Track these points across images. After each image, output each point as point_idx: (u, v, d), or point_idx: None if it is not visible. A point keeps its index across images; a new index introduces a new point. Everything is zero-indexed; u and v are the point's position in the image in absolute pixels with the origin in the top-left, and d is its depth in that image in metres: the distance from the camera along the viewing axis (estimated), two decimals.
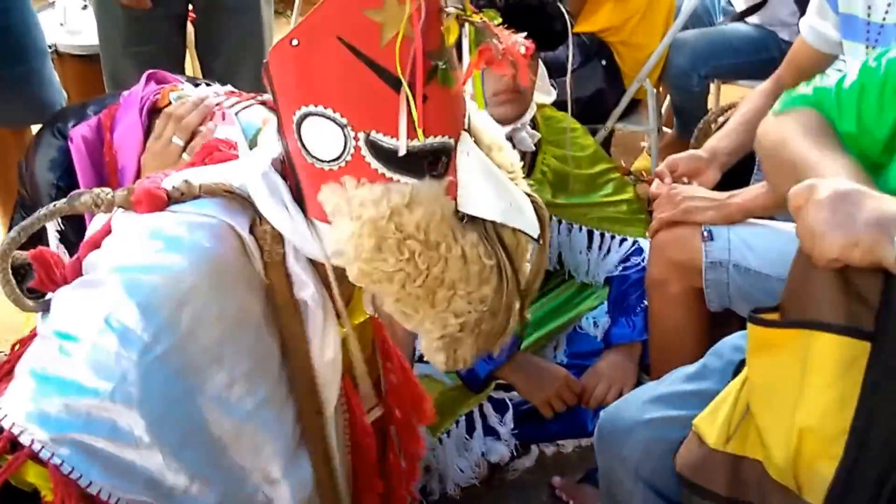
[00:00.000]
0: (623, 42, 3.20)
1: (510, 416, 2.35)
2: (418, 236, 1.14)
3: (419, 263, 1.15)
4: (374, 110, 1.13)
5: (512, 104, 2.24)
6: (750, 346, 1.36)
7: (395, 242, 1.14)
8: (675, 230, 2.06)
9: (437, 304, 1.19)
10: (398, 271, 1.16)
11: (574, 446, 2.45)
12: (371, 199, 1.14)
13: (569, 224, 2.45)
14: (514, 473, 2.41)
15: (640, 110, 3.36)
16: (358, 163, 1.15)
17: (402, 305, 1.20)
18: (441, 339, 1.23)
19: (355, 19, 1.09)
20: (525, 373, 2.34)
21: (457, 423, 2.31)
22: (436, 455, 2.28)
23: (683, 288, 2.07)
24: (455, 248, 1.16)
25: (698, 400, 1.55)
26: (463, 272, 1.17)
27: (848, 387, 1.23)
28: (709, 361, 1.66)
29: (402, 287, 1.17)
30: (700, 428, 1.45)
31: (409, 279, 1.16)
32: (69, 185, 1.88)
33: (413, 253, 1.15)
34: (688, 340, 2.11)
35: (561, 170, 2.42)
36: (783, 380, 1.30)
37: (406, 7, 1.07)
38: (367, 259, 1.16)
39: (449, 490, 2.31)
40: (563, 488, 2.34)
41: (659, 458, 1.57)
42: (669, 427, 1.58)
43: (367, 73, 1.11)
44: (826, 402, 1.25)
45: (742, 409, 1.39)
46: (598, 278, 2.50)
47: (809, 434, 1.27)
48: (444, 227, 1.15)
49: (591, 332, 2.47)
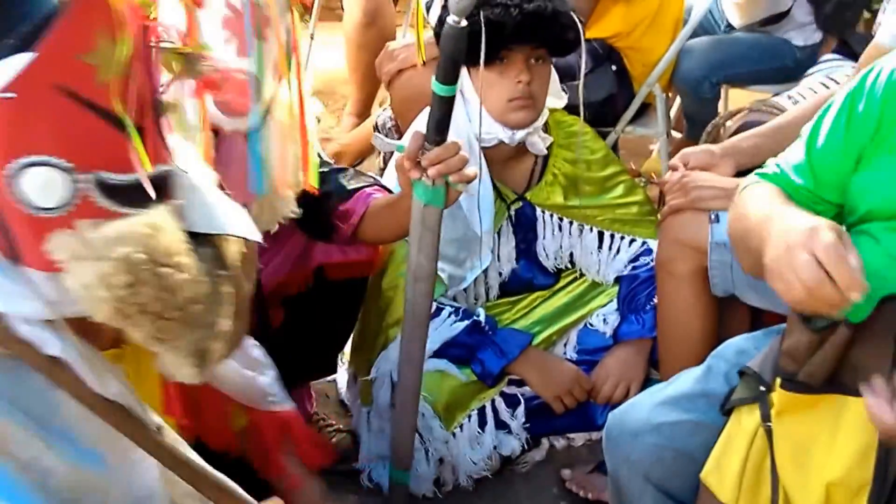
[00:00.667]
0: (632, 47, 3.23)
1: (521, 411, 2.41)
2: (169, 262, 1.14)
3: (174, 288, 1.15)
4: (99, 150, 1.13)
5: (526, 110, 2.31)
6: (779, 408, 1.40)
7: (149, 274, 1.13)
8: (685, 213, 2.12)
9: (191, 322, 1.18)
10: (155, 301, 1.14)
11: (584, 440, 2.51)
12: (115, 237, 1.12)
13: (580, 225, 2.51)
14: (524, 466, 2.45)
15: (649, 114, 3.39)
16: (89, 204, 1.13)
17: (158, 334, 1.17)
18: (191, 354, 1.22)
19: (70, 65, 1.09)
20: (538, 369, 2.41)
21: (469, 418, 2.37)
22: (449, 447, 2.33)
23: (690, 268, 2.12)
24: (197, 266, 1.17)
25: (704, 402, 1.61)
26: (206, 286, 1.18)
27: (867, 440, 1.29)
28: (713, 364, 1.69)
29: (158, 315, 1.15)
30: (709, 482, 1.49)
31: (165, 306, 1.15)
32: None
33: (166, 279, 1.14)
34: (695, 322, 2.16)
35: (572, 173, 2.48)
36: (815, 441, 1.35)
37: (119, 48, 1.10)
38: (121, 297, 1.13)
39: (462, 481, 2.37)
40: (573, 479, 2.38)
41: (669, 464, 1.61)
42: (677, 433, 1.62)
43: (87, 115, 1.11)
44: (849, 455, 1.31)
45: (753, 466, 1.43)
46: (608, 278, 2.56)
47: (835, 488, 1.32)
48: (184, 248, 1.16)
49: (601, 329, 2.53)
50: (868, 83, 1.49)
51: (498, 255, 2.49)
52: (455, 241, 2.37)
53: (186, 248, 1.16)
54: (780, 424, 1.40)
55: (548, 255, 2.54)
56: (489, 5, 2.14)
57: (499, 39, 2.15)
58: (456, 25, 1.62)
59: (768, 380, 1.43)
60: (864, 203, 1.51)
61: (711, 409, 1.57)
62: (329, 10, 4.86)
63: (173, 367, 1.24)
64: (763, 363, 1.47)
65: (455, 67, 1.67)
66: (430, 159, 1.73)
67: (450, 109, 1.71)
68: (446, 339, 2.37)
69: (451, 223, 2.29)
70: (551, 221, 2.51)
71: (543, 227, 2.51)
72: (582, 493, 2.34)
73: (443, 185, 1.77)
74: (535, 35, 2.25)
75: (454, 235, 2.35)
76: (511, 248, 2.51)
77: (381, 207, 2.06)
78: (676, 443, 1.62)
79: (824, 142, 1.54)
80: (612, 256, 2.54)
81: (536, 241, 2.53)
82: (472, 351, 2.39)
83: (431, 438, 2.32)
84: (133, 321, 1.16)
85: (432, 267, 1.88)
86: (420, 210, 1.81)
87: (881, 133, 1.47)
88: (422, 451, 2.32)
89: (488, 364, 2.39)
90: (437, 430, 2.32)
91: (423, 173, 1.75)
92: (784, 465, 1.39)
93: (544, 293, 2.57)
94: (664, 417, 1.65)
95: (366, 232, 2.09)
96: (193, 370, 1.24)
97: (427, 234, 1.83)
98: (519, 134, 2.36)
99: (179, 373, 1.24)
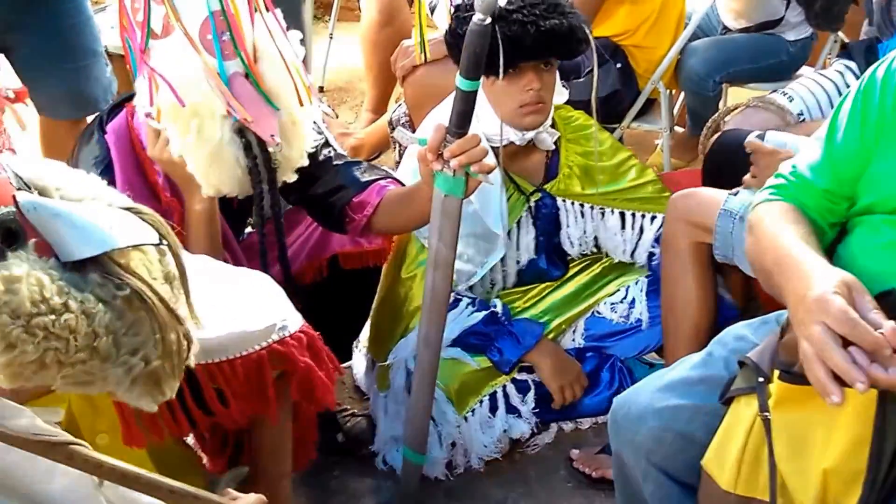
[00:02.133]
0: (636, 45, 3.28)
1: (531, 396, 2.48)
2: (40, 310, 1.06)
3: (60, 333, 1.07)
4: None
5: (537, 114, 2.37)
6: (777, 398, 1.42)
7: (22, 330, 1.05)
8: (696, 195, 2.21)
9: (107, 355, 1.11)
10: (45, 353, 1.07)
11: (591, 423, 2.58)
12: None
13: (601, 209, 2.56)
14: (534, 448, 2.51)
15: (653, 110, 3.46)
16: None
17: (73, 378, 1.12)
18: (134, 383, 1.16)
19: None
20: (551, 358, 2.49)
21: (481, 403, 2.43)
22: (461, 431, 2.40)
23: (691, 243, 2.23)
24: (85, 298, 1.08)
25: (705, 387, 1.64)
26: (108, 314, 1.10)
27: (862, 429, 1.32)
28: (714, 349, 1.72)
29: (61, 364, 1.09)
30: (709, 469, 1.52)
31: (62, 352, 1.08)
32: (111, 180, 1.94)
33: (46, 328, 1.06)
34: (694, 292, 2.26)
35: (585, 164, 2.54)
36: (812, 430, 1.38)
37: None
38: (5, 362, 1.07)
39: (473, 464, 2.44)
40: (580, 459, 2.43)
41: (669, 446, 1.65)
42: (678, 416, 1.65)
43: None
44: (844, 444, 1.34)
45: (751, 453, 1.45)
46: (640, 258, 2.61)
47: (832, 475, 1.35)
48: (59, 286, 1.07)
49: (608, 317, 2.60)
50: (879, 75, 1.50)
51: (517, 245, 2.54)
52: (465, 238, 2.41)
53: (59, 287, 1.07)
54: (778, 414, 1.41)
55: (572, 243, 2.59)
56: (505, 21, 2.17)
57: (515, 54, 2.20)
58: (481, 23, 1.68)
59: (766, 371, 1.45)
60: (867, 195, 1.52)
61: (711, 393, 1.60)
62: (348, 10, 4.92)
63: (130, 401, 1.18)
64: (762, 354, 1.49)
65: (478, 63, 1.73)
66: (452, 151, 1.79)
67: (472, 103, 1.78)
68: (464, 329, 2.43)
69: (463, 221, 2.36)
70: (573, 209, 2.56)
71: (566, 216, 2.56)
72: (588, 470, 2.40)
73: (463, 176, 1.83)
74: (550, 51, 2.29)
75: (465, 232, 2.41)
76: (530, 240, 2.56)
77: (394, 199, 2.11)
78: (677, 426, 1.65)
79: (843, 136, 1.53)
80: (637, 235, 2.58)
81: (559, 233, 2.58)
82: (489, 340, 2.46)
83: (444, 423, 2.39)
84: (39, 377, 1.10)
85: (451, 254, 1.95)
86: (441, 200, 1.88)
87: (887, 124, 1.48)
88: (435, 434, 2.38)
89: (507, 352, 2.46)
90: (450, 415, 2.39)
91: (445, 164, 1.82)
92: (781, 454, 1.40)
93: (554, 283, 2.63)
94: (665, 402, 1.67)
95: (379, 223, 2.13)
96: (149, 398, 1.18)
97: (447, 222, 1.90)
98: (529, 133, 2.42)
99: (137, 404, 1.19)
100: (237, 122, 1.81)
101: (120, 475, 1.31)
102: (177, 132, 1.83)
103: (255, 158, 1.87)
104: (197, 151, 1.84)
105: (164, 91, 1.78)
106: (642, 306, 2.57)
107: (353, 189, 2.14)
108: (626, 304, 2.59)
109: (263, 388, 1.71)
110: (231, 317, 1.66)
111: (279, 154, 1.89)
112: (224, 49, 1.78)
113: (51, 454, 1.24)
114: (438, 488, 2.42)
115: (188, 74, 1.78)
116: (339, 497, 2.42)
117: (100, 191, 1.19)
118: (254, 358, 1.67)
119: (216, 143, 1.82)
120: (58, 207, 1.11)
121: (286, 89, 1.85)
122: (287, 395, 1.80)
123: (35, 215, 1.09)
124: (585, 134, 2.56)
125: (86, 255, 1.09)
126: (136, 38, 1.82)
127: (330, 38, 4.41)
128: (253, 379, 1.69)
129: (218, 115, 1.80)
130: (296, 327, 1.75)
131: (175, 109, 1.80)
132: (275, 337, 1.70)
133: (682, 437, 1.64)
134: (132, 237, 1.14)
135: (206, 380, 1.64)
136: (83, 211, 1.12)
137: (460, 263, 2.43)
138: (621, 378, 2.56)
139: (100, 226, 1.12)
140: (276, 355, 1.71)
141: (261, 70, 1.83)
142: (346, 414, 2.58)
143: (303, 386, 1.78)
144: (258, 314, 1.70)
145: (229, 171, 1.86)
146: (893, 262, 1.46)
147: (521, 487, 2.43)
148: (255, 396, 1.71)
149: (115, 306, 1.11)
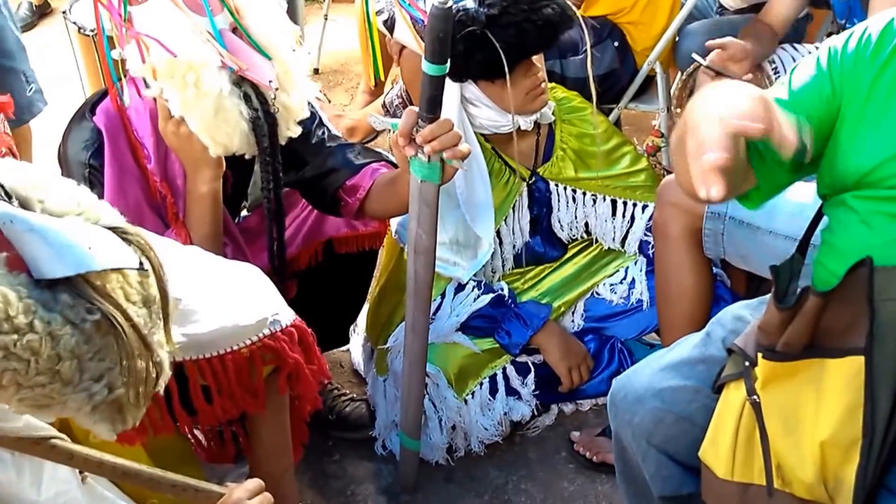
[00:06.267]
0: (633, 22, 3.24)
1: (532, 378, 2.46)
2: (3, 328, 1.02)
3: (21, 354, 1.03)
4: None
5: (543, 94, 2.35)
6: (763, 379, 1.43)
7: None
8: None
9: (69, 380, 1.08)
10: (3, 373, 1.04)
11: (591, 404, 2.58)
12: None
13: (593, 195, 2.54)
14: (535, 431, 2.51)
15: (651, 90, 3.42)
16: None
17: (31, 401, 1.09)
18: (95, 409, 1.12)
19: None
20: (558, 340, 2.47)
21: (481, 385, 2.42)
22: (461, 414, 2.39)
23: (683, 228, 2.20)
24: (52, 319, 1.05)
25: (704, 367, 1.64)
26: (75, 337, 1.06)
27: (853, 395, 1.33)
28: (712, 330, 1.72)
29: (19, 385, 1.06)
30: (706, 460, 1.52)
31: (21, 373, 1.05)
32: (102, 164, 1.93)
33: (7, 347, 1.03)
34: (688, 278, 2.24)
35: (578, 147, 2.52)
36: (802, 405, 1.38)
37: None
38: None
39: (473, 447, 2.43)
40: (580, 442, 2.43)
41: (669, 426, 1.65)
42: (677, 397, 1.65)
43: None
44: (836, 414, 1.34)
45: (744, 439, 1.45)
46: (629, 247, 2.60)
47: (828, 446, 1.35)
48: (27, 304, 1.03)
49: (608, 298, 2.58)
50: (854, 39, 1.50)
51: (513, 229, 2.53)
52: (449, 246, 2.42)
53: (27, 305, 1.03)
54: (766, 394, 1.42)
55: (563, 227, 2.58)
56: (498, 26, 2.13)
57: (518, 56, 2.19)
58: (442, 7, 1.62)
59: (752, 355, 1.46)
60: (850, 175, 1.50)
61: (710, 374, 1.60)
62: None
63: (90, 427, 1.14)
64: (747, 339, 1.49)
65: (443, 48, 1.67)
66: (423, 136, 1.73)
67: (441, 87, 1.72)
68: (472, 312, 2.42)
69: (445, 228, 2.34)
70: (565, 194, 2.54)
71: (558, 200, 2.54)
72: (588, 454, 2.40)
73: (438, 162, 1.78)
74: (551, 41, 2.27)
75: (447, 238, 2.40)
76: (526, 223, 2.54)
77: (385, 182, 2.09)
78: (676, 407, 1.65)
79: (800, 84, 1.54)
80: (628, 223, 2.57)
81: (551, 215, 2.56)
82: (496, 323, 2.44)
83: (445, 407, 2.38)
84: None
85: (432, 241, 1.90)
86: (417, 186, 1.82)
87: (874, 92, 1.47)
88: (435, 419, 2.38)
89: (515, 335, 2.44)
90: (450, 399, 2.38)
91: (419, 150, 1.76)
92: (775, 433, 1.41)
93: (552, 264, 2.62)
94: (665, 383, 1.68)
95: (372, 206, 2.12)
96: (108, 425, 1.15)
97: (425, 209, 1.84)
98: (536, 115, 2.40)
99: (95, 431, 1.15)
100: (234, 73, 1.79)
101: (121, 472, 1.31)
102: (175, 90, 1.79)
103: (257, 111, 1.84)
104: (199, 106, 1.80)
105: (154, 50, 1.76)
106: (642, 286, 2.56)
107: (346, 172, 2.12)
108: (626, 284, 2.58)
109: (254, 384, 1.70)
110: (223, 310, 1.63)
111: (278, 103, 1.87)
112: (210, 4, 1.77)
113: (51, 455, 1.23)
114: (439, 472, 2.42)
115: (176, 31, 1.76)
116: (339, 482, 2.42)
117: (87, 205, 1.14)
118: (245, 354, 1.66)
119: (217, 95, 1.79)
120: (34, 222, 1.06)
121: (276, 39, 1.85)
122: (280, 390, 1.79)
123: (10, 228, 1.05)
124: (580, 115, 2.54)
125: (58, 274, 1.05)
126: (114, 7, 1.79)
127: (325, 19, 4.37)
128: (244, 374, 1.68)
129: (213, 66, 1.77)
130: (287, 321, 1.74)
131: (170, 65, 1.77)
132: (266, 331, 1.69)
133: (682, 419, 1.64)
134: (110, 259, 1.10)
135: (196, 376, 1.62)
136: (62, 228, 1.08)
137: (452, 269, 2.43)
138: (621, 359, 2.55)
139: (77, 245, 1.07)
140: (268, 350, 1.69)
141: (247, 24, 1.82)
142: (346, 398, 2.57)
143: (291, 382, 1.77)
144: (250, 308, 1.69)
145: (234, 125, 1.83)
146: (868, 236, 1.47)
147: (522, 470, 2.43)
148: (246, 392, 1.70)
149: (83, 329, 1.07)
